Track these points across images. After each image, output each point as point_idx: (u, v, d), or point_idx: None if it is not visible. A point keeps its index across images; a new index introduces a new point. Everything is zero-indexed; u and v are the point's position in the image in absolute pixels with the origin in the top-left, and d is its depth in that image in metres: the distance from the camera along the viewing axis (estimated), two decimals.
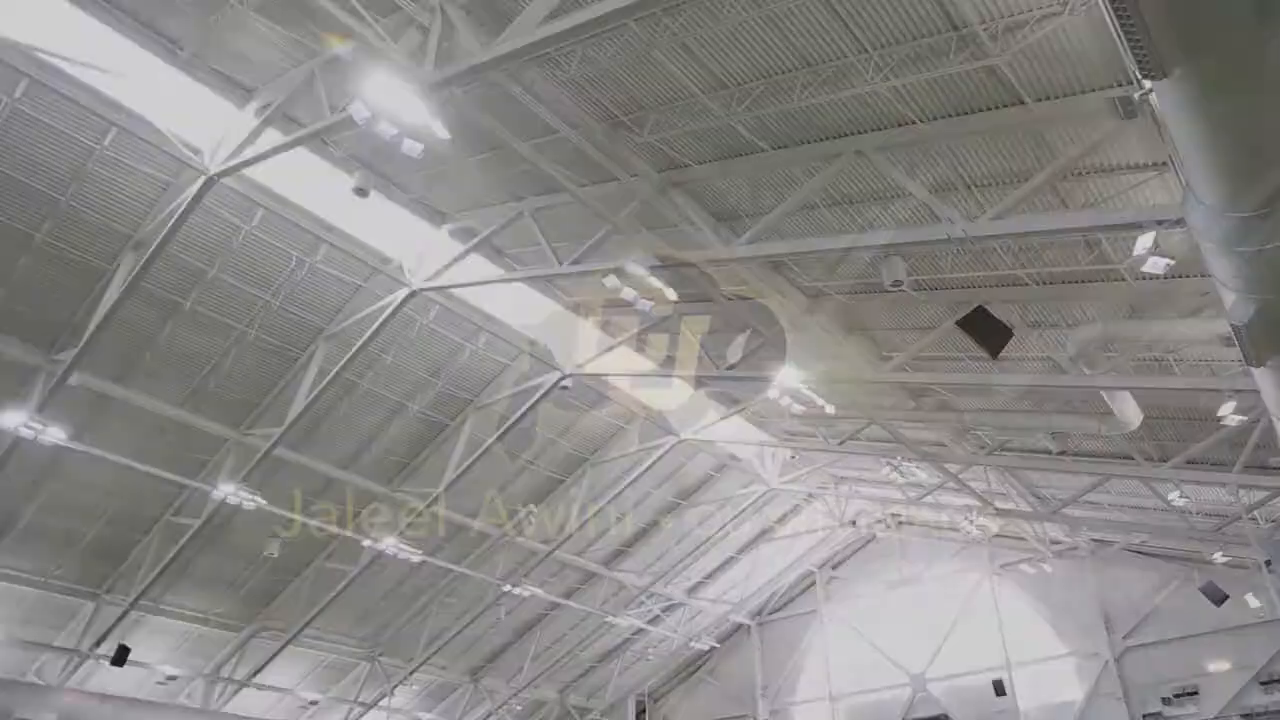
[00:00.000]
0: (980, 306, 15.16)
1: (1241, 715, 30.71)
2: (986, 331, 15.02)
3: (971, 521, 30.13)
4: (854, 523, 38.45)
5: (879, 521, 39.75)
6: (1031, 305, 16.66)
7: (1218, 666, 31.91)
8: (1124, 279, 14.61)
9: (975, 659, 36.91)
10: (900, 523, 40.32)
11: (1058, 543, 34.27)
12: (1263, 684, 30.89)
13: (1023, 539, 34.31)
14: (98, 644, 25.82)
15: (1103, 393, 17.32)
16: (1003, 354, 15.53)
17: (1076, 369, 16.54)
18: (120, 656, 25.40)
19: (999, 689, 35.14)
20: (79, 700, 26.11)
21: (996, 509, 27.25)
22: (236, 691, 30.53)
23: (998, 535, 34.63)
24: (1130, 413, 17.93)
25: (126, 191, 17.02)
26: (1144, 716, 32.43)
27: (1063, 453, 22.54)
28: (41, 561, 24.55)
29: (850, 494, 35.58)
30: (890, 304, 18.09)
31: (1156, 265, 11.39)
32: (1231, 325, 9.59)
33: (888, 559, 41.12)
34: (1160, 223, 10.86)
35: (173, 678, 29.12)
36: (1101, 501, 26.77)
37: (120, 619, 25.23)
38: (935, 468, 25.50)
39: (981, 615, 37.73)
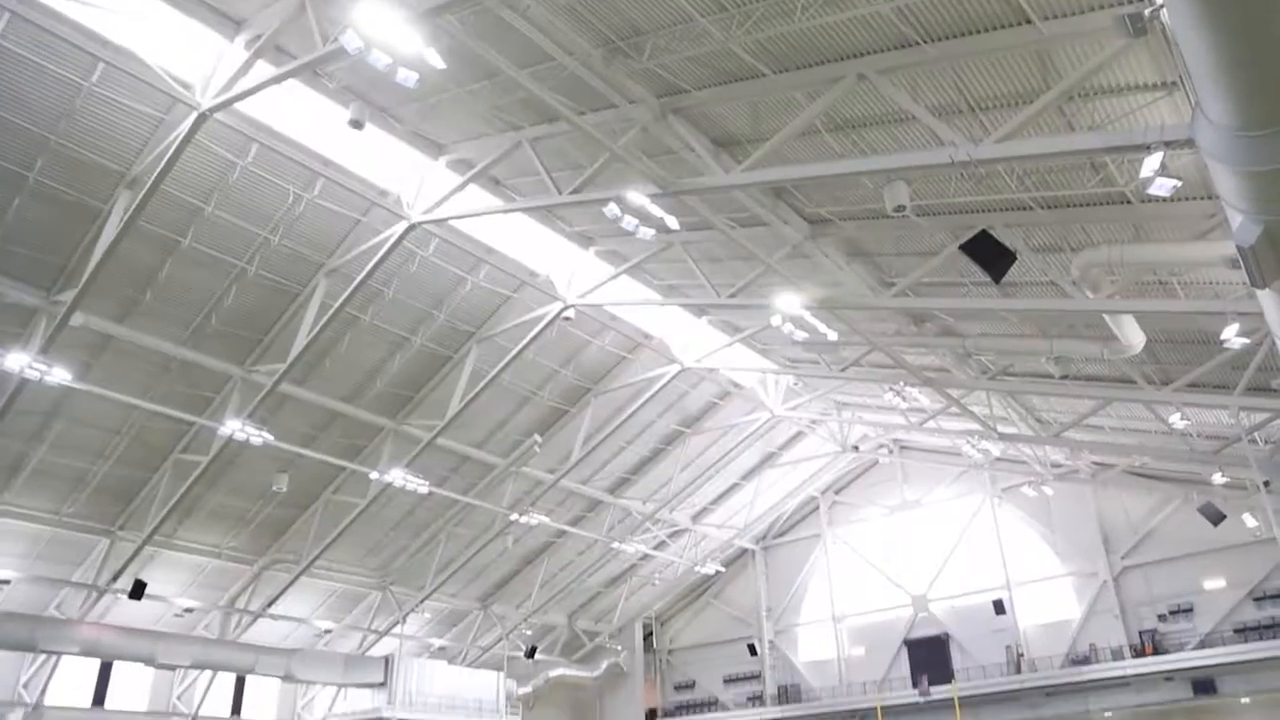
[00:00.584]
0: (984, 231, 15.05)
1: (1235, 629, 31.43)
2: (990, 256, 14.94)
3: (973, 445, 30.40)
4: (856, 448, 38.77)
5: (881, 447, 40.15)
6: (1035, 229, 16.53)
7: (1213, 584, 32.54)
8: (1129, 202, 14.46)
9: (976, 580, 37.66)
10: (902, 447, 40.76)
11: (1058, 466, 34.61)
12: (1256, 600, 31.54)
13: (1024, 462, 34.65)
14: (114, 579, 26.35)
15: (1106, 316, 17.29)
16: (1006, 278, 15.49)
17: (1080, 293, 16.49)
18: (137, 590, 25.94)
19: (999, 608, 35.91)
20: (100, 633, 26.75)
21: (998, 433, 27.42)
22: (253, 622, 31.27)
23: (999, 459, 34.99)
24: (1133, 336, 17.93)
25: (118, 129, 16.78)
26: (1140, 633, 33.19)
27: (1065, 377, 22.58)
28: (54, 500, 24.90)
29: (853, 420, 35.84)
30: (893, 229, 17.94)
31: (1163, 187, 11.21)
32: (1237, 246, 9.49)
33: (890, 483, 41.65)
34: (1168, 143, 10.70)
35: (190, 610, 29.79)
36: (1103, 425, 26.95)
37: (135, 555, 25.68)
38: (937, 392, 25.62)
39: (982, 537, 38.36)
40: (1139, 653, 32.57)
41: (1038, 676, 34.03)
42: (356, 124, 15.43)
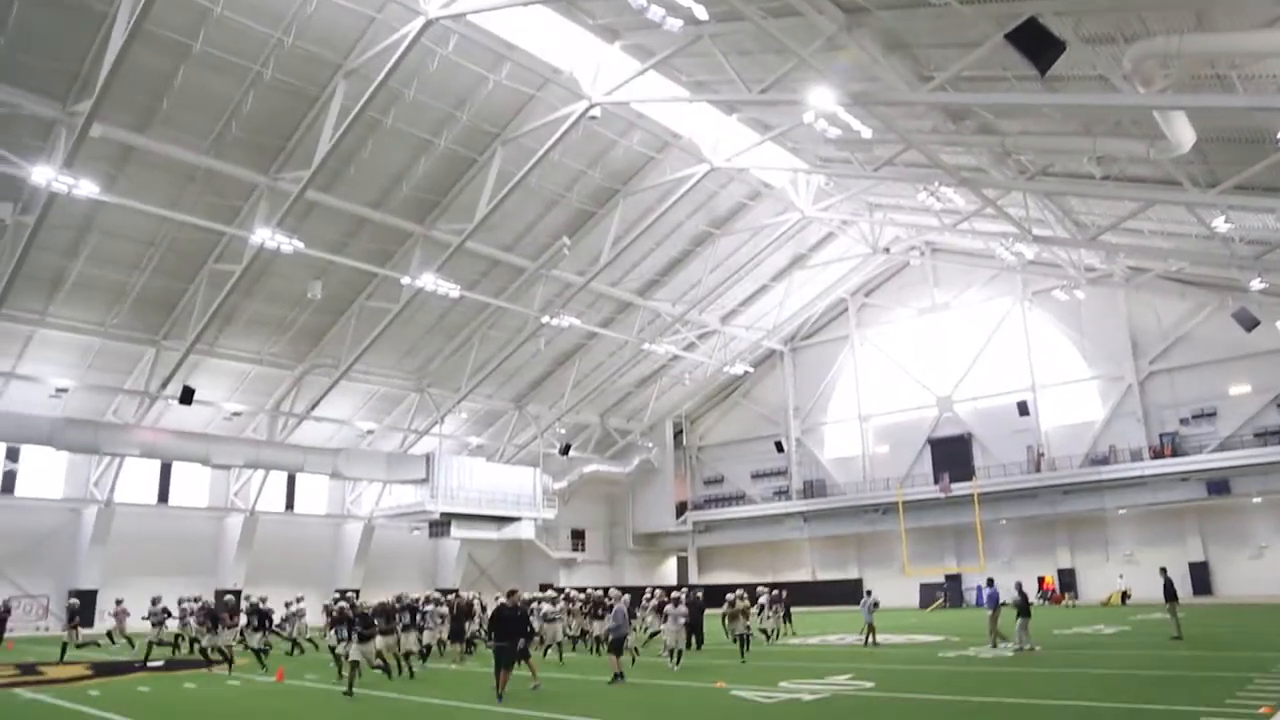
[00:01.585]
0: (1031, 19, 14.09)
1: (1255, 434, 31.86)
2: (1037, 46, 14.04)
3: (1007, 248, 29.92)
4: (888, 250, 38.38)
5: (913, 249, 39.67)
6: (1087, 18, 15.44)
7: (1238, 390, 32.77)
8: None
9: (1001, 382, 38.18)
10: (934, 250, 40.28)
11: (1092, 270, 34.12)
12: None
13: (1057, 265, 34.16)
14: (164, 386, 27.43)
15: (1156, 113, 16.46)
16: (1051, 72, 14.65)
17: (1131, 87, 15.62)
18: (186, 396, 26.98)
19: (1023, 410, 36.53)
20: (156, 436, 28.18)
21: (1033, 235, 26.88)
22: (298, 424, 32.66)
23: (1032, 262, 34.55)
24: (1182, 134, 17.11)
25: None
26: (1161, 435, 33.80)
27: (1106, 177, 21.80)
28: (98, 312, 25.59)
29: (884, 221, 35.25)
30: (934, 19, 16.85)
31: None
32: None
33: (920, 285, 41.52)
34: None
35: (238, 414, 31.12)
36: (1141, 228, 26.28)
37: (180, 362, 26.58)
38: (973, 193, 24.95)
39: (1010, 340, 38.57)
40: (1159, 454, 33.29)
41: (1057, 475, 35.08)
42: None
